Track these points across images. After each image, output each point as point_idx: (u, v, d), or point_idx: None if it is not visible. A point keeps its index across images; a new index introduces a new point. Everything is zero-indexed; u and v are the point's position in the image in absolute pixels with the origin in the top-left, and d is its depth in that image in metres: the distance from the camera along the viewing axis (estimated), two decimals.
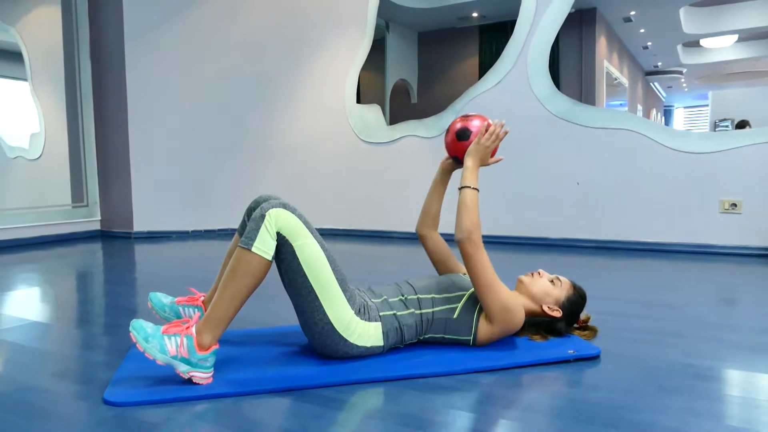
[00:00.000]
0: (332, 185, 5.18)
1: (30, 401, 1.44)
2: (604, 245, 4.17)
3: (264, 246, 1.52)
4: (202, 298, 1.90)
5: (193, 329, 1.49)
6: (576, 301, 1.87)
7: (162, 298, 1.88)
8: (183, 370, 1.47)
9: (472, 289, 1.79)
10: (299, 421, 1.31)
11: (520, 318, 1.74)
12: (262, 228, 1.53)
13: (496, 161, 1.86)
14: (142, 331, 1.45)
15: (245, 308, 2.28)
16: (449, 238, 1.90)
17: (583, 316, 1.93)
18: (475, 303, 1.76)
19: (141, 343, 1.44)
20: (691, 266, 3.45)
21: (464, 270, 2.03)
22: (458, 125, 1.87)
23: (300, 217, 1.59)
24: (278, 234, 1.55)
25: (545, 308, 1.82)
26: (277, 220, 1.54)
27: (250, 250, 1.52)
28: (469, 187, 1.75)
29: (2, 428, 1.29)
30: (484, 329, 1.74)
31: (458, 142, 1.87)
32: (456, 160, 1.95)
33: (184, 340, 1.46)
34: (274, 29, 5.17)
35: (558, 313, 1.82)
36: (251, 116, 5.24)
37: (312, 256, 1.57)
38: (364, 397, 1.47)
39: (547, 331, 1.85)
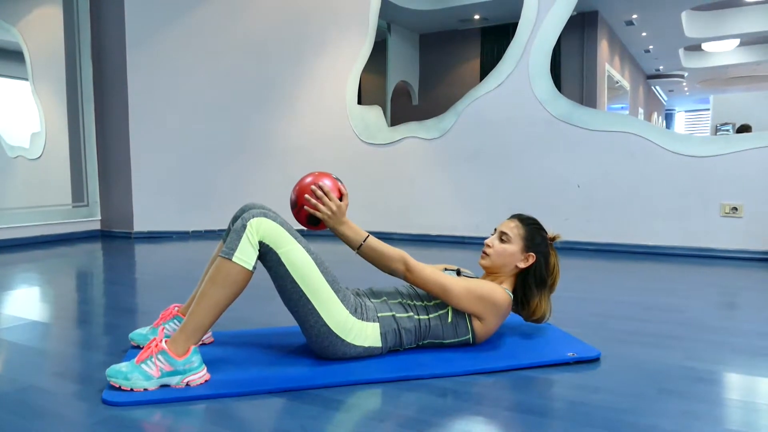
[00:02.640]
0: None
1: (29, 401, 1.43)
2: (605, 248, 4.16)
3: (245, 256, 1.52)
4: (177, 308, 1.86)
5: (163, 343, 1.48)
6: (533, 231, 1.82)
7: (141, 331, 1.85)
8: (176, 381, 1.47)
9: None
10: (297, 422, 1.30)
11: (502, 299, 1.72)
12: (244, 238, 1.53)
13: (346, 196, 1.71)
14: (119, 374, 1.44)
15: (244, 309, 2.28)
16: (453, 240, 1.88)
17: (549, 234, 1.87)
18: None
19: (124, 384, 1.43)
20: (691, 270, 3.44)
21: (444, 266, 2.00)
22: (301, 216, 1.71)
23: (282, 224, 1.58)
24: (261, 243, 1.54)
25: (520, 266, 1.80)
26: (258, 229, 1.54)
27: (230, 260, 1.51)
28: (361, 244, 1.67)
29: (1, 428, 1.29)
30: (480, 324, 1.74)
31: (316, 227, 1.75)
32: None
33: (159, 356, 1.46)
34: (275, 31, 5.17)
35: (532, 259, 1.79)
36: (252, 117, 5.24)
37: (298, 261, 1.57)
38: (362, 397, 1.47)
39: (538, 279, 1.80)
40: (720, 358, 1.78)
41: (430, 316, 1.73)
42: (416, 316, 1.73)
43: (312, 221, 1.72)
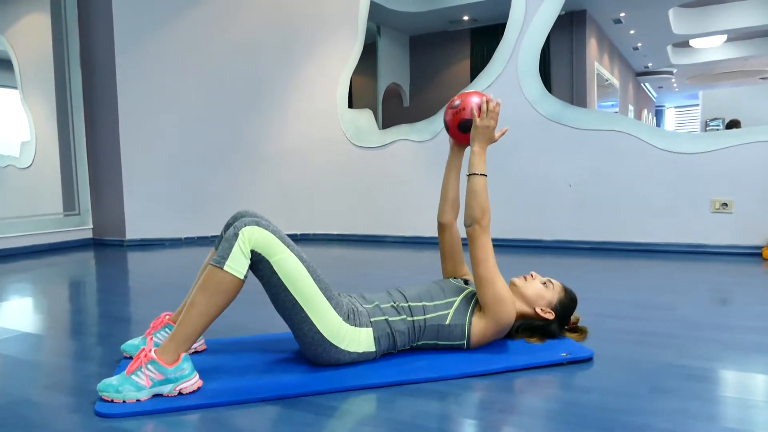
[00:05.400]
0: (325, 190, 5.18)
1: (22, 414, 1.42)
2: (597, 246, 4.18)
3: (236, 265, 1.51)
4: (167, 317, 1.86)
5: (152, 352, 1.48)
6: (567, 304, 1.88)
7: (133, 342, 1.84)
8: (168, 390, 1.47)
9: (463, 294, 1.80)
10: (291, 429, 1.30)
11: (510, 313, 1.73)
12: (236, 247, 1.52)
13: (502, 134, 1.85)
14: (110, 387, 1.44)
15: (236, 316, 2.28)
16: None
17: (573, 318, 1.94)
18: (467, 307, 1.76)
19: (116, 397, 1.43)
20: (683, 266, 3.46)
21: (465, 272, 2.04)
22: (458, 116, 1.85)
23: (274, 232, 1.58)
24: (253, 252, 1.54)
25: (538, 310, 1.83)
26: (250, 238, 1.53)
27: (222, 269, 1.50)
28: (477, 173, 1.76)
29: None
30: (477, 330, 1.74)
31: (463, 134, 1.88)
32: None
33: (149, 366, 1.46)
34: (265, 35, 5.17)
35: (551, 315, 1.83)
36: (243, 122, 5.23)
37: (291, 269, 1.56)
38: (356, 403, 1.47)
39: (542, 334, 1.86)
40: (713, 355, 1.79)
41: (427, 316, 1.74)
42: (409, 318, 1.73)
43: (464, 129, 1.84)
